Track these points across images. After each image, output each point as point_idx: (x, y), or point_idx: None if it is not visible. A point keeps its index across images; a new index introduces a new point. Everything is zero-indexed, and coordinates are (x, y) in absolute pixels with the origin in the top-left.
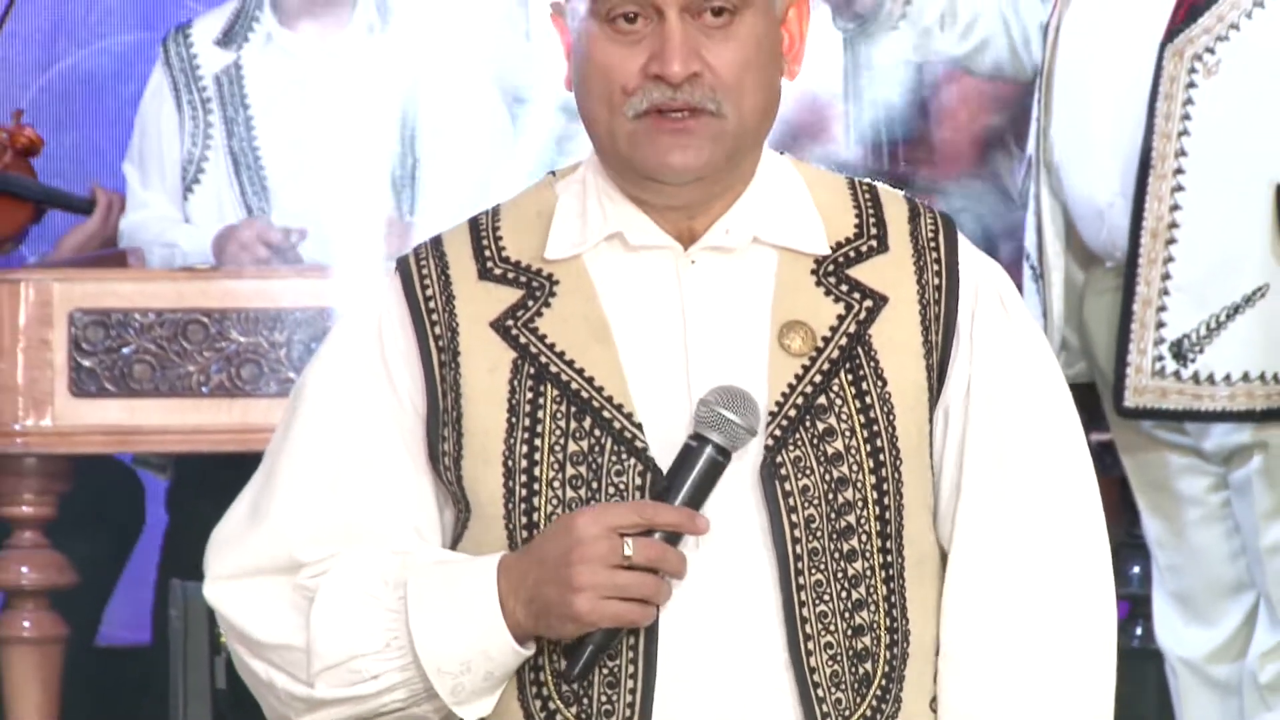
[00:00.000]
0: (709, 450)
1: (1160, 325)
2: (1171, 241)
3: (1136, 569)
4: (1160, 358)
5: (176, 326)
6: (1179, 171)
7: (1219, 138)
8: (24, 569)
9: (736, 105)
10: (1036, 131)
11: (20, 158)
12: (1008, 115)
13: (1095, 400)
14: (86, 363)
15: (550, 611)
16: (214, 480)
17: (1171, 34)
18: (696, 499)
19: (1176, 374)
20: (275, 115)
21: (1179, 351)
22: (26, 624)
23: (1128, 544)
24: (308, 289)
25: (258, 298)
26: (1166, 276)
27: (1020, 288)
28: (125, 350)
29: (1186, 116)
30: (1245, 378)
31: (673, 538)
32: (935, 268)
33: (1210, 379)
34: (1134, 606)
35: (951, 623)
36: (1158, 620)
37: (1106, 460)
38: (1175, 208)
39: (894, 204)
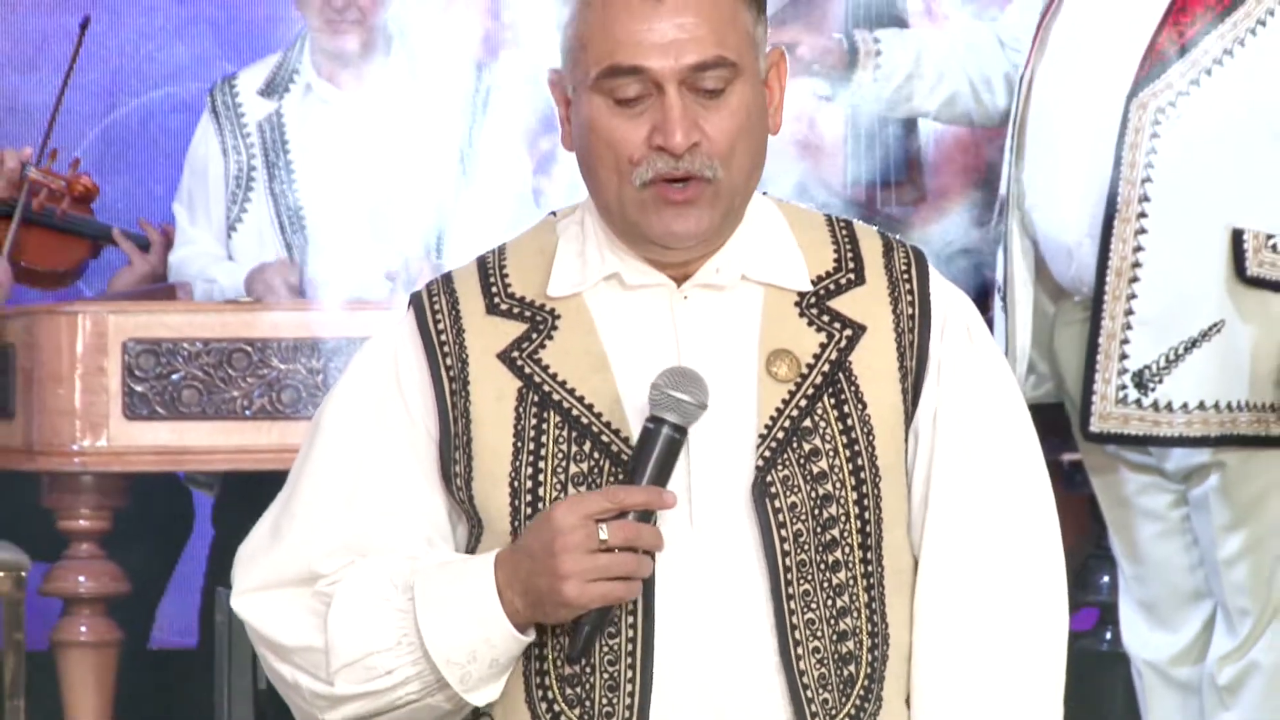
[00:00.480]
0: (666, 430)
1: (1123, 357)
2: (1134, 280)
3: (1105, 578)
4: (1123, 387)
5: (222, 355)
6: (1142, 215)
7: (1180, 184)
8: (81, 578)
9: (730, 169)
10: (1009, 175)
11: (78, 204)
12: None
13: (1065, 421)
14: (139, 388)
15: (544, 600)
16: (257, 496)
17: (1136, 88)
18: (661, 477)
19: (1138, 402)
20: (313, 160)
21: (1140, 381)
22: (84, 629)
23: (1097, 555)
24: (342, 321)
25: (296, 329)
26: (1129, 312)
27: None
28: (174, 377)
29: (1150, 164)
30: (1201, 406)
31: (645, 515)
32: (909, 298)
33: (1169, 407)
34: (1103, 613)
35: (921, 626)
36: (1124, 626)
37: (1077, 478)
38: (1138, 249)
39: (869, 239)
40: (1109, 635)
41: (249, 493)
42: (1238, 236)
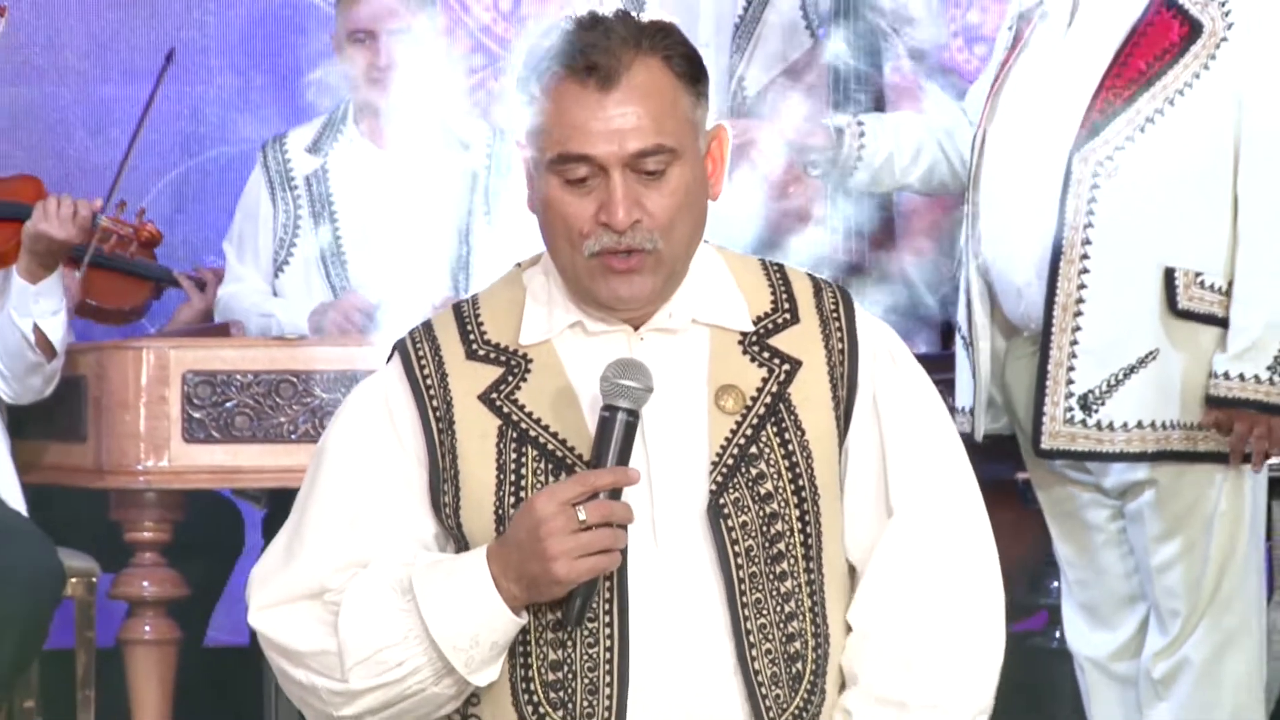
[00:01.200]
0: (621, 415)
1: (1070, 382)
2: (1079, 314)
3: (1055, 583)
4: (1070, 409)
5: (270, 385)
6: (1085, 257)
7: (1117, 229)
8: (145, 583)
9: (670, 240)
10: (966, 226)
11: (144, 248)
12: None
13: (1016, 447)
14: (196, 414)
15: (538, 582)
16: None
17: (1078, 145)
18: (623, 457)
19: (1083, 422)
20: (355, 210)
21: (1085, 404)
22: (147, 629)
23: (1047, 563)
24: (376, 355)
25: (336, 362)
26: (1075, 343)
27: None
28: (228, 404)
29: (1091, 212)
30: (1139, 425)
31: (615, 494)
32: (839, 334)
33: (1110, 426)
34: (1052, 615)
35: (863, 607)
36: (1067, 626)
37: (1029, 495)
38: (1082, 286)
39: (800, 281)
40: (1058, 634)
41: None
42: (1170, 274)
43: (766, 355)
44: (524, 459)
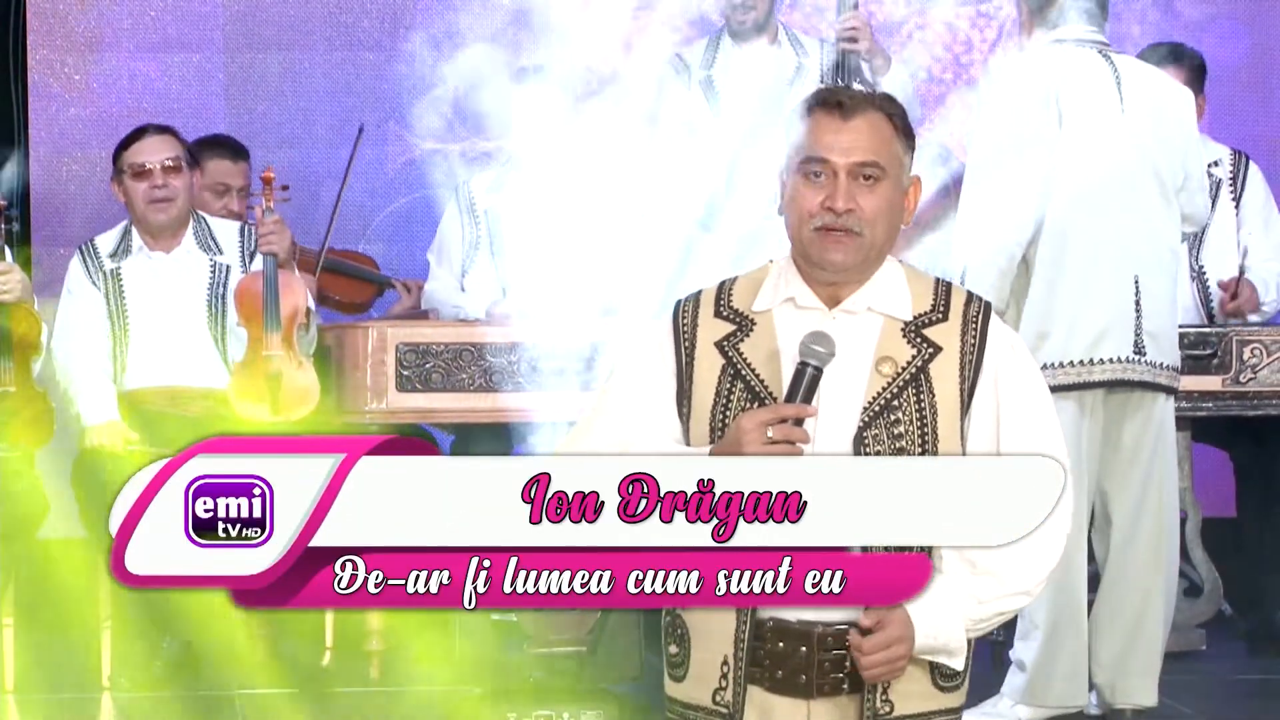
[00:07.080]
0: (810, 370)
1: None
2: None
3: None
4: None
5: (456, 352)
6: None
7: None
8: None
9: (872, 231)
10: None
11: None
12: None
13: None
14: (405, 372)
15: None
16: (478, 440)
17: None
18: (807, 398)
19: None
20: (517, 232)
21: None
22: None
23: None
24: (527, 331)
25: (500, 336)
26: None
27: None
28: (427, 365)
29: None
30: None
31: (797, 422)
32: (973, 333)
33: None
34: None
35: None
36: None
37: None
38: None
39: (958, 294)
40: None
41: (473, 438)
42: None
43: (918, 340)
44: (734, 391)
